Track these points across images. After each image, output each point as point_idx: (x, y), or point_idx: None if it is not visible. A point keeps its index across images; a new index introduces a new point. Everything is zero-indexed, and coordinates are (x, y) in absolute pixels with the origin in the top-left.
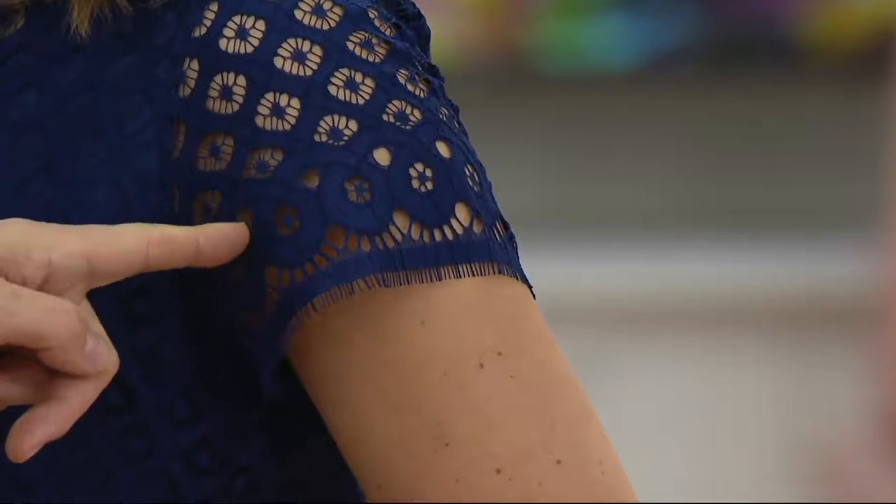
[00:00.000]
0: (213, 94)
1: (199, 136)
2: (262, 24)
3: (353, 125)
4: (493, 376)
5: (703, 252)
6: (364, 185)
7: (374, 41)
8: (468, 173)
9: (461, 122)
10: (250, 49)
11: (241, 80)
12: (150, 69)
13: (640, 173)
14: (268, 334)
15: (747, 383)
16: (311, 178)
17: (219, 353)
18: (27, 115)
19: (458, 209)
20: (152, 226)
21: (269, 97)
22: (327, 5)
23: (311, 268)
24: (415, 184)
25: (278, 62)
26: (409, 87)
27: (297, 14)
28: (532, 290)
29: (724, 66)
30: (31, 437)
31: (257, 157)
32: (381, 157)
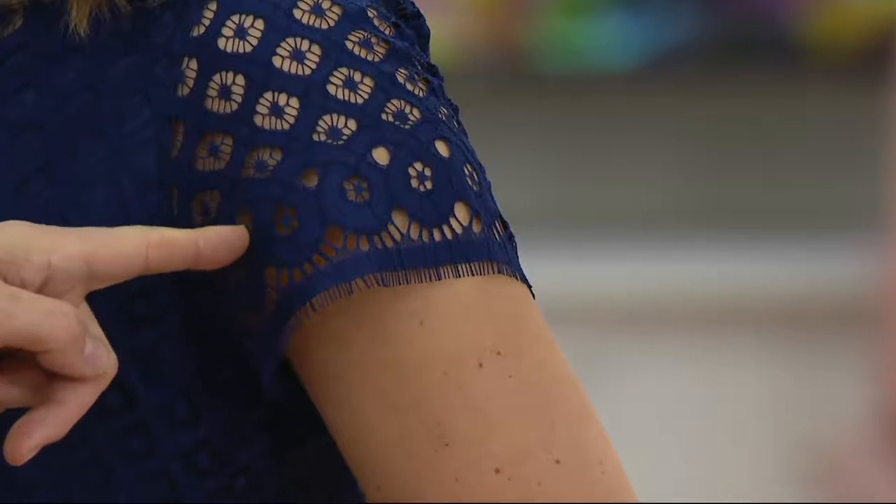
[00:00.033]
0: (211, 93)
1: (198, 136)
2: (260, 24)
3: (352, 124)
4: (492, 376)
5: (703, 252)
6: (363, 184)
7: (373, 40)
8: (467, 173)
9: (460, 122)
10: (249, 48)
11: (240, 79)
12: (149, 69)
13: (640, 173)
14: (267, 334)
15: (747, 383)
16: (309, 178)
17: (219, 354)
18: (26, 115)
19: (458, 209)
20: (152, 228)
21: (268, 96)
22: (326, 4)
23: (309, 268)
24: (414, 183)
25: (277, 61)
26: (409, 86)
27: (296, 13)
28: (531, 289)
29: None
30: (28, 440)
31: (256, 157)
32: (380, 156)
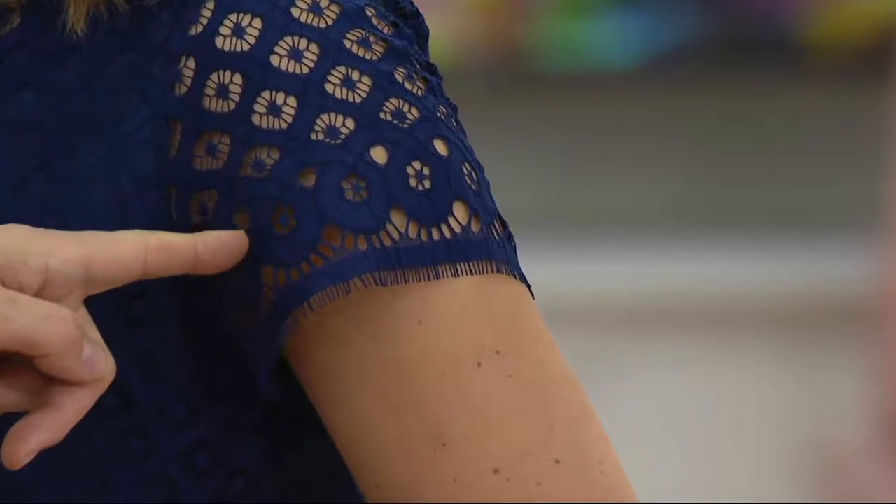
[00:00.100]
0: (209, 92)
1: (196, 135)
2: (258, 22)
3: (350, 123)
4: (491, 375)
5: (703, 252)
6: (361, 183)
7: (372, 39)
8: (466, 172)
9: (459, 121)
10: (247, 47)
11: (238, 78)
12: (147, 68)
13: (640, 173)
14: (264, 334)
15: (748, 384)
16: (307, 177)
17: (217, 354)
18: (24, 115)
19: (456, 208)
20: (151, 233)
21: (266, 95)
22: (324, 3)
23: (307, 267)
24: (412, 182)
25: (275, 60)
26: (407, 85)
27: (294, 12)
28: (530, 289)
29: (725, 66)
30: (26, 445)
31: (254, 156)
32: (378, 155)
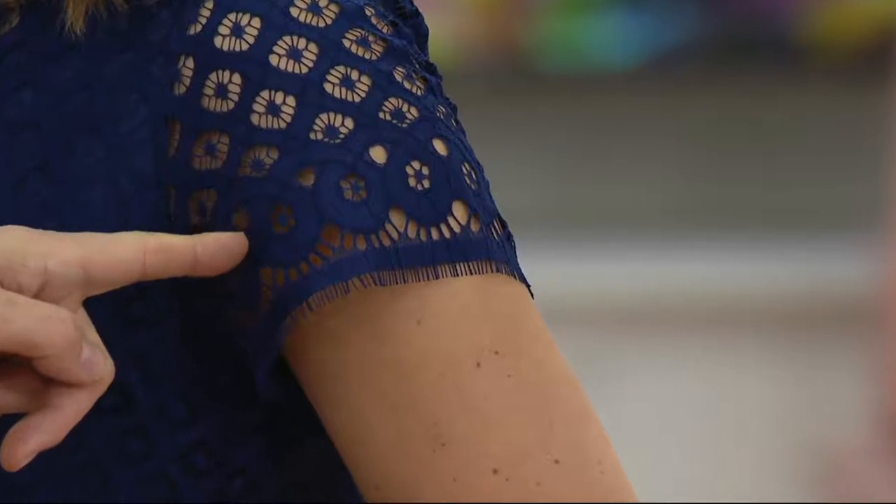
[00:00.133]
0: (208, 92)
1: (195, 135)
2: (257, 22)
3: (349, 123)
4: (490, 375)
5: (703, 252)
6: (360, 183)
7: (371, 39)
8: (465, 171)
9: (459, 121)
10: (246, 46)
11: (237, 77)
12: (146, 67)
13: (640, 173)
14: (263, 334)
15: (748, 384)
16: (306, 177)
17: (216, 354)
18: (23, 114)
19: (456, 207)
20: (150, 234)
21: (265, 95)
22: (323, 3)
23: (306, 267)
24: (411, 182)
25: (274, 60)
26: (406, 84)
27: (293, 11)
28: (530, 289)
29: (725, 66)
30: (24, 446)
31: (253, 156)
32: (378, 154)
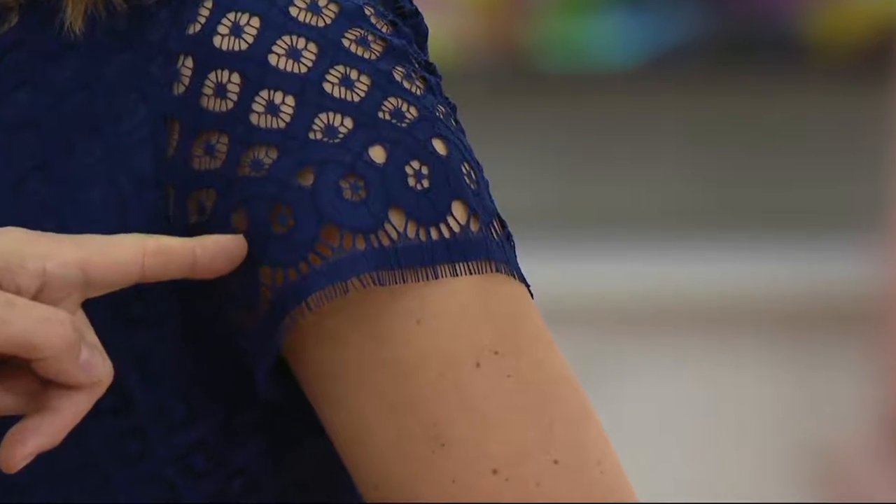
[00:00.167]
0: (207, 91)
1: (194, 135)
2: (256, 21)
3: (349, 122)
4: (490, 376)
5: (703, 252)
6: (359, 182)
7: (370, 38)
8: (465, 171)
9: (458, 120)
10: (245, 46)
11: (236, 77)
12: (145, 67)
13: (640, 173)
14: (262, 334)
15: (748, 384)
16: (305, 177)
17: (216, 355)
18: (22, 114)
19: (455, 207)
20: (149, 236)
21: (264, 95)
22: (322, 2)
23: (305, 267)
24: (411, 181)
25: (273, 59)
26: (406, 84)
27: (292, 11)
28: (530, 289)
29: (726, 65)
30: (22, 448)
31: (252, 156)
32: (377, 154)
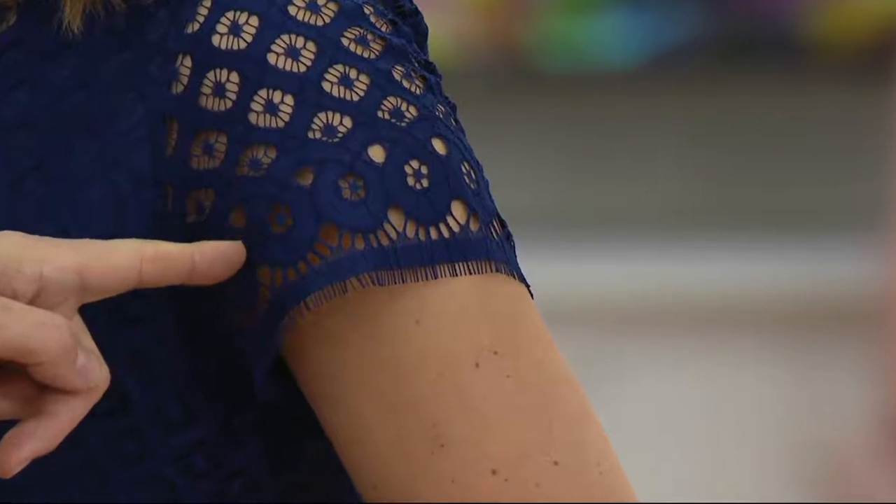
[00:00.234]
0: (206, 91)
1: (193, 134)
2: (255, 21)
3: (348, 122)
4: (489, 376)
5: (704, 252)
6: (358, 182)
7: (370, 37)
8: (465, 171)
9: (458, 120)
10: (243, 45)
11: (235, 76)
12: (143, 66)
13: (641, 173)
14: (261, 334)
15: (748, 384)
16: (304, 176)
17: (213, 354)
18: (20, 113)
19: (455, 207)
20: (147, 242)
21: (263, 94)
22: (322, 1)
23: (304, 266)
24: (410, 181)
25: (272, 58)
26: (405, 83)
27: (291, 10)
28: (529, 289)
29: (726, 65)
30: (18, 453)
31: (251, 155)
32: (376, 154)
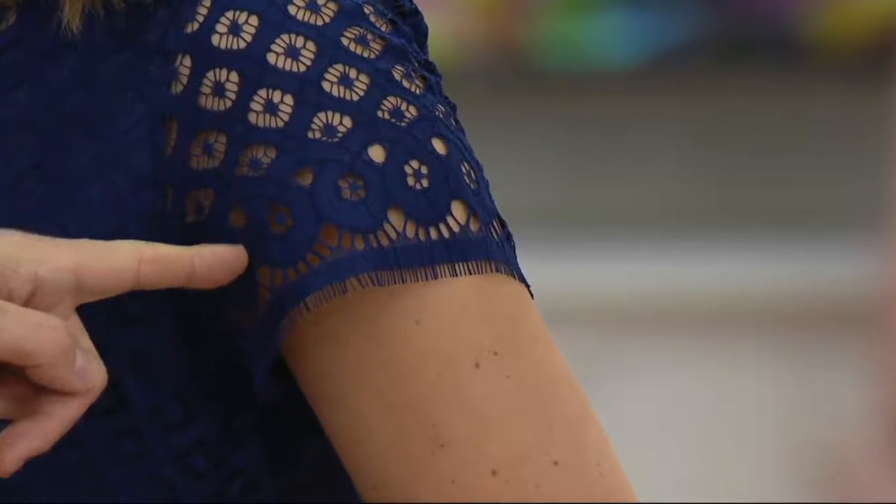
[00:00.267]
0: (205, 90)
1: (192, 134)
2: (255, 20)
3: (348, 122)
4: (489, 376)
5: (704, 252)
6: (358, 182)
7: (370, 37)
8: (464, 171)
9: (458, 120)
10: (243, 45)
11: (234, 76)
12: (143, 66)
13: (641, 173)
14: (260, 334)
15: (748, 384)
16: (304, 176)
17: (212, 354)
18: (19, 113)
19: (454, 207)
20: (147, 244)
21: (262, 94)
22: (321, 1)
23: (303, 266)
24: (410, 181)
25: (271, 58)
26: (405, 83)
27: (291, 10)
28: (530, 289)
29: (727, 65)
30: (13, 452)
31: (250, 155)
32: (376, 153)
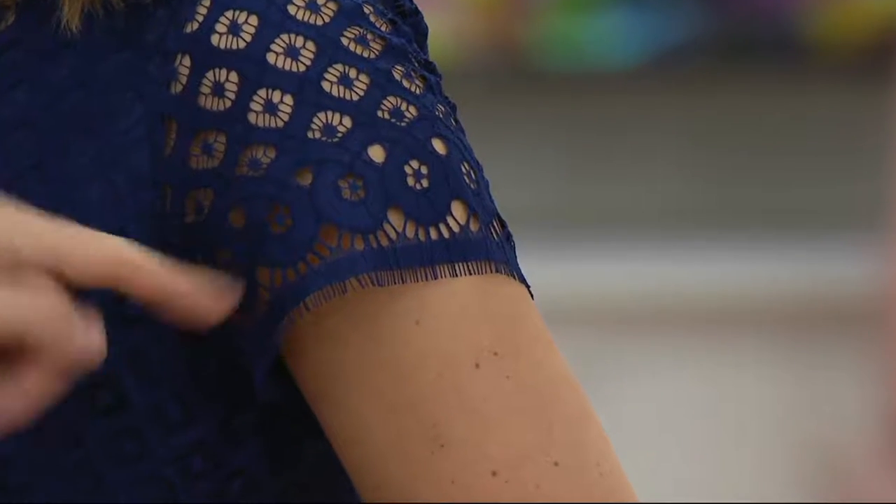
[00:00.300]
0: (205, 90)
1: (191, 134)
2: (254, 20)
3: (347, 122)
4: (489, 377)
5: (704, 252)
6: (358, 182)
7: (369, 37)
8: (464, 171)
9: (458, 120)
10: (243, 45)
11: (234, 76)
12: (142, 66)
13: (641, 173)
14: (260, 334)
15: (748, 384)
16: (304, 176)
17: (212, 354)
18: (18, 113)
19: (454, 207)
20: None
21: (262, 93)
22: (321, 0)
23: (303, 267)
24: (410, 181)
25: (271, 58)
26: (405, 83)
27: (291, 9)
28: (530, 289)
29: (727, 65)
30: None
31: (250, 155)
32: (376, 153)
